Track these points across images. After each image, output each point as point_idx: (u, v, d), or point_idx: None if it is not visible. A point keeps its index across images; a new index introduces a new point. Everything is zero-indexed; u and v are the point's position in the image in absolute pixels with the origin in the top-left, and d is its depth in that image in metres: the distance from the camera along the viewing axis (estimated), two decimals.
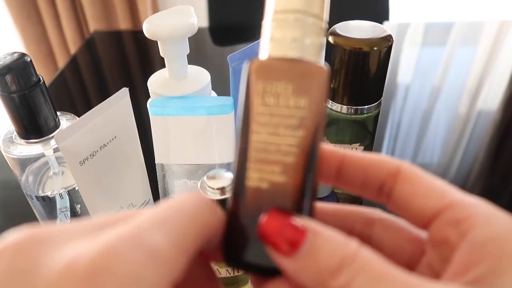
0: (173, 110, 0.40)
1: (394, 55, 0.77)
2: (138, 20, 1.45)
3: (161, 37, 0.39)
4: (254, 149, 0.16)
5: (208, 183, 0.30)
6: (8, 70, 0.34)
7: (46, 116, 0.38)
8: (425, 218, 0.16)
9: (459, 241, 0.15)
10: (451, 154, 0.59)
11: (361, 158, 0.17)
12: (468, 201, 0.15)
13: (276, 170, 0.16)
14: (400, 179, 0.17)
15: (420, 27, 0.95)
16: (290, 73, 0.16)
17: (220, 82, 0.55)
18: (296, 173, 0.16)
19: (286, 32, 0.16)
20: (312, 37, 0.16)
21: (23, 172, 0.40)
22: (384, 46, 0.37)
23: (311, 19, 0.16)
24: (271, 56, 0.16)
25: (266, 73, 0.16)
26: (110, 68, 0.87)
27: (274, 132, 0.16)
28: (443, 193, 0.16)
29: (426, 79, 0.76)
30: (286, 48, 0.16)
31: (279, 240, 0.15)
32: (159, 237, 0.13)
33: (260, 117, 0.16)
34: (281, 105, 0.16)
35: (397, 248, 0.18)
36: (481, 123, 0.65)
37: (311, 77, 0.16)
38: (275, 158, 0.16)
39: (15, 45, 1.43)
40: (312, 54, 0.16)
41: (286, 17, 0.16)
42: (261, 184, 0.16)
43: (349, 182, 0.18)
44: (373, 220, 0.19)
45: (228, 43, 0.95)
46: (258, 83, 0.16)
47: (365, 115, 0.42)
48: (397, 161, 0.17)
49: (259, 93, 0.16)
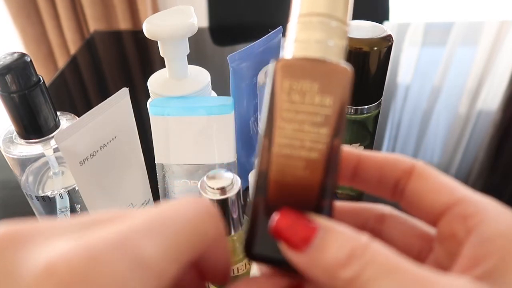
0: (173, 110, 0.40)
1: (394, 55, 0.77)
2: (138, 20, 1.45)
3: (161, 37, 0.39)
4: (278, 144, 0.17)
5: (208, 183, 0.30)
6: (8, 70, 0.34)
7: (46, 116, 0.38)
8: (435, 213, 0.16)
9: (467, 236, 0.15)
10: (451, 154, 0.59)
11: (377, 158, 0.18)
12: (476, 198, 0.16)
13: (299, 165, 0.17)
14: (414, 176, 0.17)
15: (420, 27, 0.95)
16: (316, 72, 0.16)
17: (220, 82, 0.55)
18: (319, 169, 0.16)
19: (310, 34, 0.17)
20: (336, 39, 0.17)
21: (23, 172, 0.40)
22: (384, 46, 0.37)
23: (335, 22, 0.17)
24: (296, 56, 0.17)
25: (292, 72, 0.16)
26: (110, 68, 0.87)
27: (299, 129, 0.16)
28: (453, 189, 0.16)
29: (426, 79, 0.76)
30: (311, 48, 0.17)
31: (291, 235, 0.15)
32: (148, 244, 0.12)
33: (286, 113, 0.16)
34: (306, 103, 0.16)
35: (405, 244, 0.18)
36: (481, 123, 0.65)
37: (337, 77, 0.16)
38: (299, 154, 0.16)
39: (15, 45, 1.43)
40: (335, 55, 0.17)
41: (311, 20, 0.17)
42: (284, 178, 0.17)
43: (365, 182, 0.18)
44: (383, 216, 0.19)
45: (228, 43, 0.95)
46: (285, 80, 0.16)
47: (365, 115, 0.42)
48: (411, 160, 0.17)
49: (285, 91, 0.16)
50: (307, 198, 0.17)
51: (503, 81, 0.75)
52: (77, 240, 0.12)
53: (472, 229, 0.15)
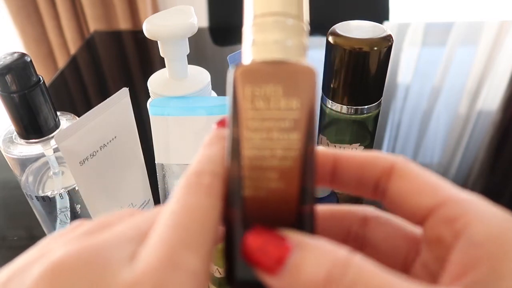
0: (173, 110, 0.40)
1: (394, 55, 0.77)
2: (138, 20, 1.45)
3: (161, 37, 0.39)
4: (247, 157, 0.15)
5: None
6: (8, 70, 0.34)
7: (46, 116, 0.38)
8: (419, 216, 0.15)
9: (454, 240, 0.14)
10: (451, 154, 0.59)
11: (354, 158, 0.17)
12: (462, 197, 0.15)
13: (273, 176, 0.15)
14: (394, 176, 0.16)
15: (420, 27, 0.95)
16: (278, 74, 0.15)
17: (220, 82, 0.55)
18: (294, 177, 0.15)
19: (267, 35, 0.16)
20: (294, 38, 0.16)
21: (23, 172, 0.40)
22: (384, 46, 0.37)
23: (290, 20, 0.16)
24: (255, 60, 0.16)
25: (253, 77, 0.15)
26: (110, 68, 0.87)
27: (267, 137, 0.15)
28: (436, 189, 0.15)
29: (426, 79, 0.76)
30: (270, 50, 0.16)
31: (262, 257, 0.14)
32: (191, 256, 0.13)
33: (251, 123, 0.15)
34: (272, 108, 0.15)
35: (392, 246, 0.18)
36: (481, 123, 0.65)
37: (301, 77, 0.15)
38: (271, 164, 0.15)
39: (15, 45, 1.43)
40: (296, 55, 0.16)
41: (265, 21, 0.16)
42: (258, 193, 0.15)
43: (344, 183, 0.17)
44: (366, 219, 0.18)
45: (228, 43, 0.95)
46: (246, 87, 0.15)
47: (365, 115, 0.42)
48: (391, 157, 0.16)
49: (247, 98, 0.15)
50: (286, 210, 0.15)
51: (503, 81, 0.75)
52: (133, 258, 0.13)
53: (460, 233, 0.14)
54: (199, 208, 0.14)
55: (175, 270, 0.13)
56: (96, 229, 0.15)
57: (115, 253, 0.13)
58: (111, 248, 0.13)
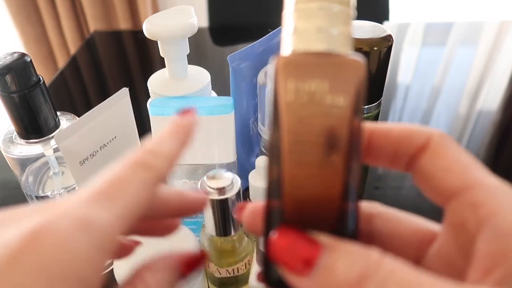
0: (173, 110, 0.40)
1: (394, 55, 0.77)
2: (138, 20, 1.45)
3: (161, 37, 0.39)
4: (288, 160, 0.14)
5: (208, 183, 0.30)
6: (8, 70, 0.34)
7: (46, 116, 0.38)
8: (445, 196, 0.15)
9: (478, 229, 0.14)
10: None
11: (390, 132, 0.16)
12: (490, 183, 0.14)
13: (315, 181, 0.15)
14: (427, 151, 0.15)
15: (420, 27, 0.95)
16: (324, 68, 0.14)
17: (220, 82, 0.55)
18: (338, 182, 0.15)
19: (310, 23, 0.14)
20: (340, 26, 0.14)
21: (23, 172, 0.40)
22: (384, 46, 0.37)
23: (336, 6, 0.14)
24: (296, 51, 0.14)
25: (296, 70, 0.14)
26: (110, 68, 0.87)
27: (310, 138, 0.14)
28: (466, 171, 0.15)
29: (426, 79, 0.76)
30: (312, 40, 0.14)
31: (291, 258, 0.14)
32: (93, 209, 0.14)
33: (294, 120, 0.14)
34: (315, 106, 0.14)
35: (400, 241, 0.17)
36: (481, 123, 0.65)
37: (348, 72, 0.14)
38: (314, 169, 0.15)
39: (15, 45, 1.43)
40: (341, 45, 0.14)
41: (309, 6, 0.14)
42: (300, 197, 0.15)
43: (378, 157, 0.17)
44: (371, 216, 0.18)
45: (228, 43, 0.95)
46: (289, 81, 0.14)
47: (365, 115, 0.42)
48: (427, 131, 0.16)
49: (290, 93, 0.14)
50: (327, 211, 0.15)
51: (503, 81, 0.75)
52: (32, 219, 0.13)
53: (484, 222, 0.13)
54: (123, 177, 0.15)
55: (63, 220, 0.13)
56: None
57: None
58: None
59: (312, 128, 0.14)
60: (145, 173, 0.15)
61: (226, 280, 0.36)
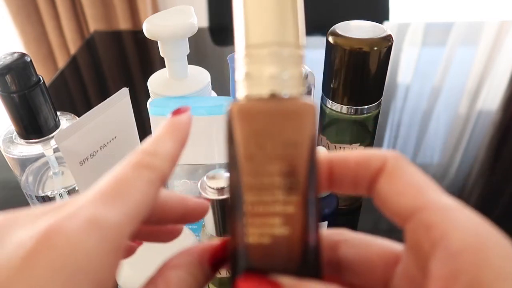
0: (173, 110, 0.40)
1: (394, 55, 0.77)
2: (138, 20, 1.45)
3: (161, 37, 0.39)
4: (249, 203, 0.15)
5: (208, 183, 0.30)
6: (8, 70, 0.34)
7: (46, 116, 0.38)
8: (401, 218, 0.15)
9: (432, 249, 0.14)
10: (451, 154, 0.59)
11: (348, 159, 0.17)
12: (441, 203, 0.14)
13: (277, 222, 0.15)
14: (383, 174, 0.16)
15: (420, 27, 0.95)
16: (276, 112, 0.14)
17: (220, 82, 0.55)
18: (299, 221, 0.15)
19: (261, 68, 0.15)
20: (290, 69, 0.15)
21: (23, 172, 0.40)
22: (384, 46, 0.37)
23: (286, 50, 0.15)
24: (250, 96, 0.15)
25: (250, 115, 0.15)
26: (110, 68, 0.87)
27: (268, 180, 0.15)
28: (419, 192, 0.15)
29: (426, 79, 0.76)
30: (264, 85, 0.15)
31: None
32: (101, 209, 0.14)
33: (250, 165, 0.15)
34: (271, 150, 0.15)
35: (367, 265, 0.17)
36: (481, 123, 0.65)
37: (301, 114, 0.15)
38: (275, 210, 0.15)
39: (15, 45, 1.43)
40: (293, 87, 0.15)
41: (259, 52, 0.15)
42: (262, 240, 0.15)
43: (341, 185, 0.17)
44: (338, 243, 0.18)
45: (228, 43, 0.95)
46: (244, 128, 0.15)
47: (365, 115, 0.42)
48: (383, 155, 0.16)
49: (245, 138, 0.15)
50: (291, 253, 0.15)
51: (503, 81, 0.75)
52: (45, 220, 0.13)
53: (437, 243, 0.14)
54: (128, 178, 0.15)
55: (73, 219, 0.13)
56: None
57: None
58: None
59: (270, 172, 0.15)
60: (149, 173, 0.15)
61: (226, 280, 0.36)
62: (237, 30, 0.16)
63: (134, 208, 0.14)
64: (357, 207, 0.50)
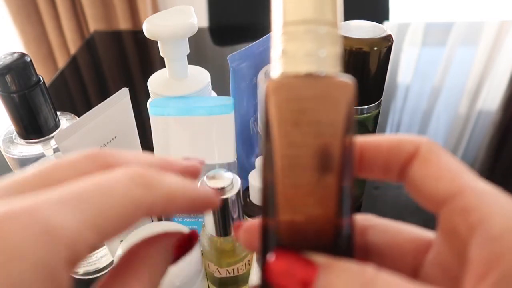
0: (173, 110, 0.40)
1: (394, 55, 0.77)
2: (138, 20, 1.45)
3: (161, 37, 0.39)
4: (283, 181, 0.15)
5: (208, 183, 0.30)
6: (8, 70, 0.34)
7: (46, 116, 0.38)
8: (435, 203, 0.15)
9: (470, 234, 0.14)
10: (451, 154, 0.59)
11: (379, 144, 0.16)
12: (479, 188, 0.14)
13: (310, 201, 0.15)
14: (417, 160, 0.16)
15: (420, 27, 0.95)
16: (313, 90, 0.14)
17: (220, 82, 0.55)
18: (333, 201, 0.15)
19: (298, 45, 0.15)
20: (327, 47, 0.15)
21: None
22: (384, 46, 0.37)
23: (324, 28, 0.14)
24: (286, 73, 0.15)
25: (287, 93, 0.14)
26: (110, 68, 0.87)
27: (303, 161, 0.15)
28: (455, 177, 0.15)
29: (426, 79, 0.76)
30: (301, 63, 0.15)
31: (288, 281, 0.14)
32: (61, 214, 0.12)
33: (286, 143, 0.15)
34: (306, 129, 0.14)
35: (396, 251, 0.17)
36: (481, 123, 0.65)
37: (338, 93, 0.14)
38: (308, 189, 0.15)
39: (15, 45, 1.43)
40: (330, 66, 0.15)
41: (297, 29, 0.15)
42: (295, 218, 0.15)
43: (370, 171, 0.17)
44: (366, 228, 0.18)
45: (228, 43, 0.95)
46: (280, 105, 0.14)
47: (365, 115, 0.42)
48: (416, 140, 0.16)
49: (281, 118, 0.14)
50: (324, 233, 0.15)
51: (503, 81, 0.75)
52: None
53: (475, 227, 0.13)
54: (107, 181, 0.14)
55: (23, 222, 0.11)
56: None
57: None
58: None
59: (305, 150, 0.14)
60: (141, 191, 0.14)
61: (226, 280, 0.36)
62: (274, 7, 0.15)
63: (102, 221, 0.13)
64: (357, 207, 0.50)
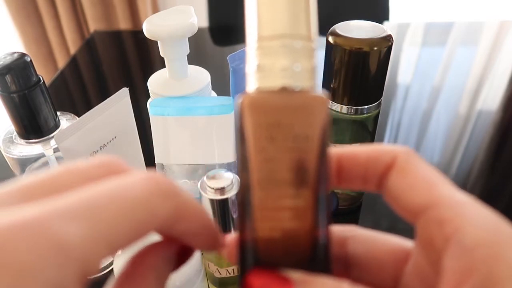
0: (173, 110, 0.40)
1: (394, 55, 0.77)
2: (138, 20, 1.45)
3: (161, 37, 0.39)
4: (259, 196, 0.15)
5: (208, 183, 0.30)
6: (8, 70, 0.34)
7: (46, 116, 0.38)
8: (412, 213, 0.15)
9: (445, 245, 0.14)
10: (451, 154, 0.59)
11: (358, 155, 0.17)
12: (454, 199, 0.14)
13: (287, 216, 0.15)
14: (394, 169, 0.16)
15: (420, 27, 0.95)
16: (288, 105, 0.14)
17: (220, 82, 0.55)
18: (309, 215, 0.15)
19: (273, 60, 0.14)
20: (302, 62, 0.15)
21: (23, 172, 0.40)
22: (384, 46, 0.37)
23: (299, 42, 0.15)
24: (261, 88, 0.15)
25: (262, 109, 0.14)
26: (110, 68, 0.87)
27: (278, 176, 0.15)
28: (431, 187, 0.15)
29: (426, 79, 0.76)
30: (276, 77, 0.14)
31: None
32: (72, 227, 0.11)
33: (261, 157, 0.15)
34: (281, 143, 0.14)
35: (377, 262, 0.17)
36: (481, 123, 0.65)
37: (313, 107, 0.14)
38: (284, 204, 0.15)
39: (15, 45, 1.43)
40: (305, 80, 0.15)
41: (271, 44, 0.15)
42: (272, 234, 0.15)
43: (349, 181, 0.17)
44: (346, 239, 0.18)
45: (228, 43, 0.95)
46: (255, 120, 0.14)
47: (365, 115, 0.42)
48: (394, 150, 0.16)
49: (256, 133, 0.14)
50: (301, 247, 0.15)
51: (503, 81, 0.75)
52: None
53: (450, 237, 0.13)
54: (120, 189, 0.13)
55: (31, 234, 0.11)
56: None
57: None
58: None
59: (281, 165, 0.14)
60: (158, 200, 0.13)
61: (226, 280, 0.36)
62: (249, 22, 0.15)
63: (114, 236, 0.12)
64: (357, 207, 0.50)
